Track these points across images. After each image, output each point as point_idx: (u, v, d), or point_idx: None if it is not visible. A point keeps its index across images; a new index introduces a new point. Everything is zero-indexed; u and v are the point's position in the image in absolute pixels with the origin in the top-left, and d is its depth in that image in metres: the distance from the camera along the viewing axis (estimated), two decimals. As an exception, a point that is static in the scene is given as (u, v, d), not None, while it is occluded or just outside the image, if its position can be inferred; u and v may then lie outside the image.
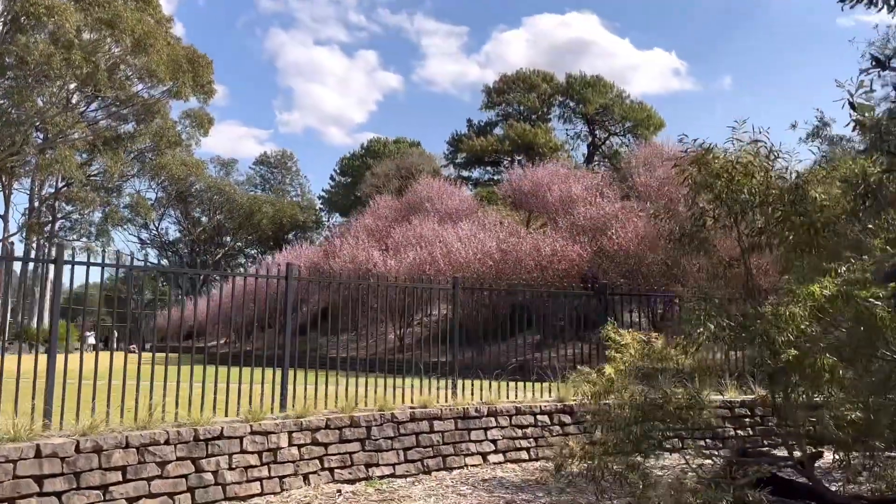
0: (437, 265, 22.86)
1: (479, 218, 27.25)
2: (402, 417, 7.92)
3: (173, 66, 33.00)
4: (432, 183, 36.56)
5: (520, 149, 44.75)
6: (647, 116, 46.96)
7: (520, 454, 8.64)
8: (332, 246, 31.69)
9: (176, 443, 6.37)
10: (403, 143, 62.56)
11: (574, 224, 22.64)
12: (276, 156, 75.60)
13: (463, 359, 9.68)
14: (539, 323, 11.82)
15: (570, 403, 9.13)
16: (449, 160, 53.70)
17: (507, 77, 50.82)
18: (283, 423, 7.11)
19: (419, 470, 7.89)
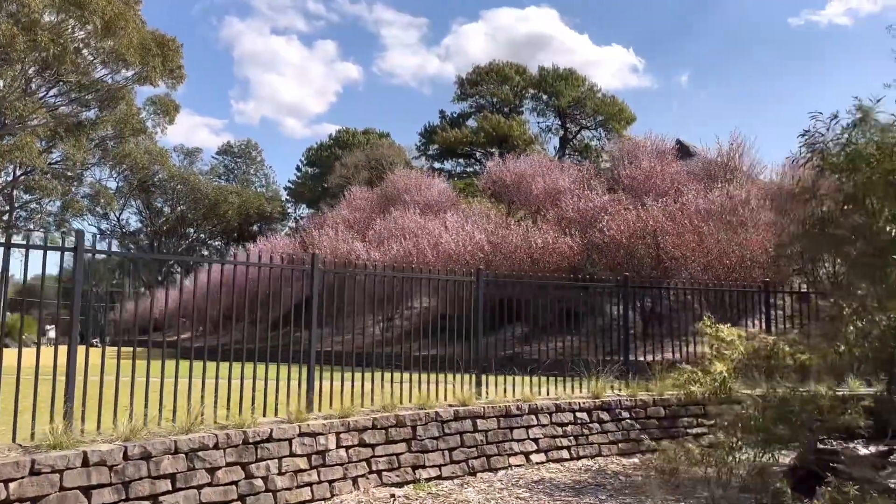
0: (424, 257, 22.46)
1: (464, 210, 26.91)
2: (445, 416, 7.56)
3: (142, 49, 31.75)
4: (409, 174, 36.09)
5: (494, 141, 44.45)
6: (619, 110, 47.12)
7: (561, 453, 8.36)
8: (310, 237, 30.97)
9: (225, 447, 5.91)
10: (373, 133, 61.77)
11: (563, 217, 22.47)
12: (241, 145, 74.00)
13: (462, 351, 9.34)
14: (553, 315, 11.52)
15: (607, 400, 8.89)
16: (421, 152, 53.17)
17: (480, 69, 50.44)
18: (329, 423, 6.69)
19: (464, 471, 7.55)
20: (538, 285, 10.93)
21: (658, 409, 9.17)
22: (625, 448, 8.81)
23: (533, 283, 10.86)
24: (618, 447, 8.77)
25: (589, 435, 8.62)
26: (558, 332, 11.52)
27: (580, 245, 21.40)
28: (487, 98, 49.77)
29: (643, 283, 13.57)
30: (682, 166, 26.14)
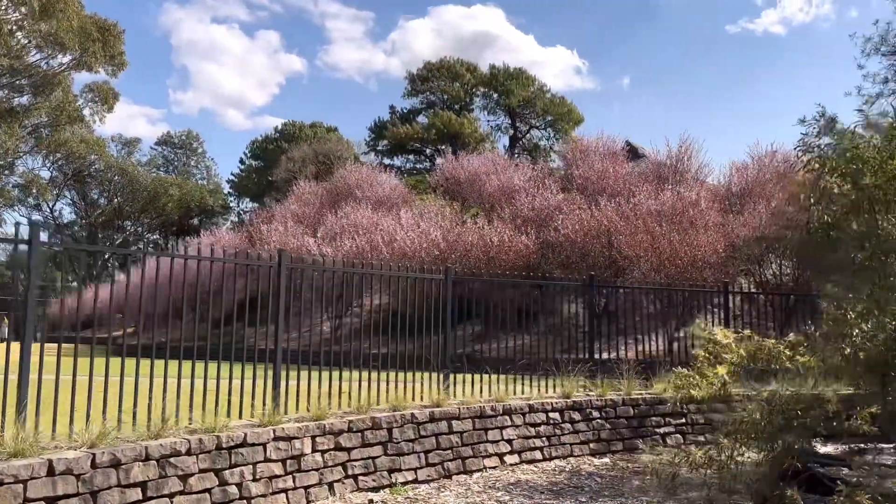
0: (378, 254, 22.19)
1: (418, 207, 26.72)
2: (421, 418, 7.38)
3: (82, 34, 30.42)
4: (360, 169, 35.70)
5: (445, 138, 44.37)
6: (567, 111, 47.67)
7: (534, 454, 8.28)
8: (258, 231, 30.28)
9: (198, 453, 5.59)
10: (320, 127, 60.89)
11: (518, 215, 22.52)
12: (181, 136, 72.06)
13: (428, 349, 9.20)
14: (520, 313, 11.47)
15: (579, 400, 8.86)
16: (370, 147, 52.70)
17: (431, 65, 50.26)
18: (304, 426, 6.43)
19: (440, 474, 7.39)
20: (508, 283, 10.84)
21: (627, 408, 9.20)
22: (596, 448, 8.79)
23: (503, 282, 10.75)
24: (589, 447, 8.75)
25: (561, 435, 8.57)
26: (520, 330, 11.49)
27: (536, 244, 21.49)
28: (438, 95, 49.68)
29: (609, 283, 13.56)
30: (633, 168, 26.59)
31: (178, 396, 6.14)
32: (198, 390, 6.38)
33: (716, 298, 14.99)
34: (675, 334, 16.29)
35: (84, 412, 5.58)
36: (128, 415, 5.87)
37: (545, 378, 9.45)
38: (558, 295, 16.81)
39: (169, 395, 6.07)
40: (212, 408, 6.34)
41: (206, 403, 6.39)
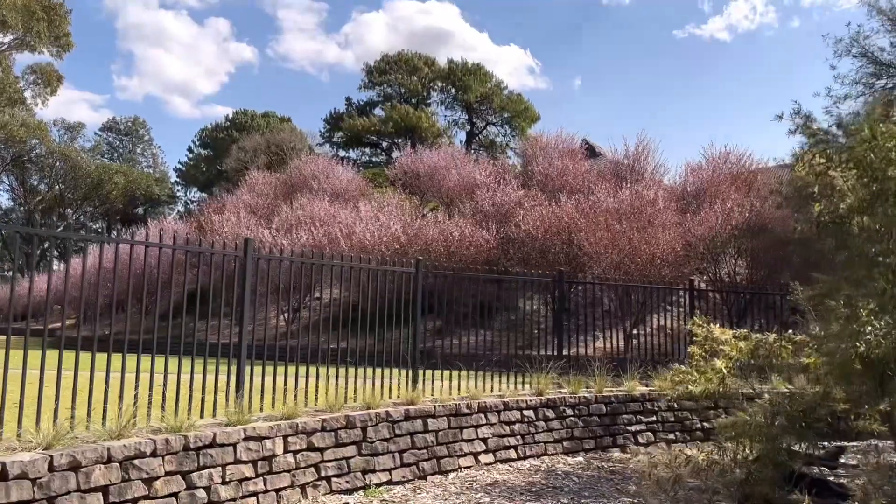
0: (337, 246, 21.73)
1: (377, 200, 26.32)
2: (396, 416, 7.10)
3: (26, 12, 29.00)
4: (316, 160, 35.07)
5: (403, 131, 43.93)
6: (524, 108, 47.74)
7: (508, 453, 8.08)
8: (209, 221, 29.41)
9: (164, 454, 5.20)
10: (273, 117, 59.74)
11: (479, 210, 22.36)
12: (127, 123, 69.78)
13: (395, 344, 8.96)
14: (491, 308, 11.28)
15: (552, 397, 8.70)
16: (325, 139, 51.88)
17: (389, 57, 49.69)
18: (276, 426, 6.08)
19: (415, 475, 7.12)
20: (478, 278, 10.62)
21: (600, 406, 9.09)
22: (569, 447, 8.65)
23: (473, 277, 10.52)
24: (563, 445, 8.60)
25: (535, 433, 8.39)
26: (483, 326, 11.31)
27: (496, 239, 21.36)
28: (395, 88, 49.17)
29: (579, 280, 13.47)
30: (592, 166, 26.72)
31: (138, 393, 5.73)
32: (159, 386, 5.97)
33: (674, 296, 15.10)
34: (637, 330, 16.36)
35: (34, 410, 5.13)
36: (83, 411, 5.45)
37: (517, 374, 9.28)
38: (527, 290, 16.65)
39: (128, 391, 5.66)
40: (174, 405, 5.95)
41: (170, 401, 5.99)
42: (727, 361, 4.57)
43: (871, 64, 12.57)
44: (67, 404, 5.30)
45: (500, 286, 14.84)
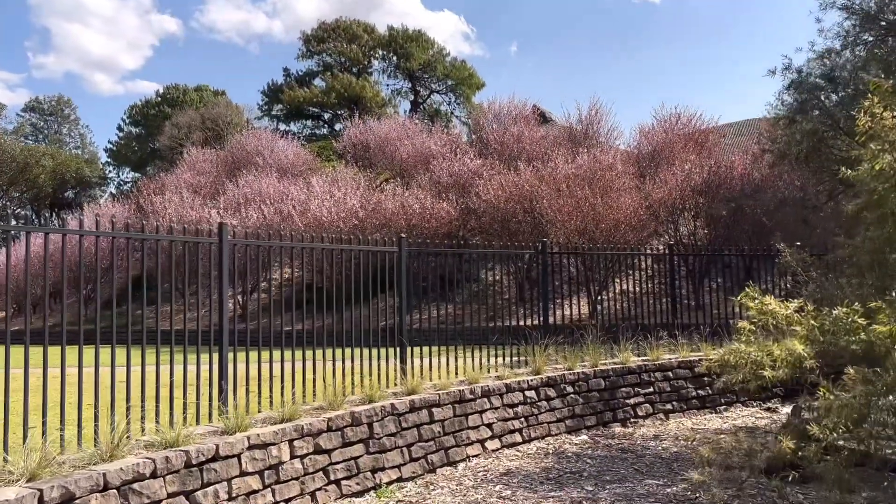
0: (291, 223, 20.92)
1: (330, 174, 25.44)
2: (401, 408, 6.62)
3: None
4: (259, 135, 33.77)
5: (346, 102, 42.68)
6: (469, 75, 47.01)
7: (514, 437, 7.72)
8: (150, 203, 28.00)
9: (165, 473, 4.61)
10: (206, 91, 57.40)
11: (438, 181, 21.81)
12: (51, 102, 66.04)
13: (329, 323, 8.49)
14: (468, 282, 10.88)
15: (553, 376, 8.36)
16: (264, 112, 50.08)
17: (327, 25, 48.02)
18: (282, 430, 5.52)
19: (424, 469, 6.68)
20: (457, 253, 10.22)
21: (598, 381, 8.81)
22: (572, 425, 8.35)
23: (452, 253, 10.08)
24: (565, 424, 8.30)
25: (538, 414, 8.05)
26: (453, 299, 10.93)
27: (457, 210, 20.90)
28: (335, 56, 47.67)
29: (563, 251, 13.15)
30: (545, 131, 26.41)
31: (130, 405, 5.09)
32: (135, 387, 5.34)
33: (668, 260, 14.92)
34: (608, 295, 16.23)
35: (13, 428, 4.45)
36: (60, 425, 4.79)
37: (508, 348, 8.95)
38: (507, 263, 16.29)
39: (103, 395, 5.02)
40: (166, 409, 5.34)
41: (152, 401, 5.38)
42: (801, 341, 4.23)
43: (857, 16, 12.52)
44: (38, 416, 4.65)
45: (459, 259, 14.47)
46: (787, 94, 14.34)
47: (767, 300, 4.67)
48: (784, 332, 4.49)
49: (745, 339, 4.73)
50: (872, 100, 4.52)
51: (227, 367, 6.32)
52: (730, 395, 9.71)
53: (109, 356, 5.15)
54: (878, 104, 4.47)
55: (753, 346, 4.54)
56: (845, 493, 3.98)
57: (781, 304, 4.62)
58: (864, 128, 4.55)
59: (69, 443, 4.84)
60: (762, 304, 4.65)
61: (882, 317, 3.83)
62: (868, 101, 4.56)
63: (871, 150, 4.26)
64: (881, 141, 4.35)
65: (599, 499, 5.75)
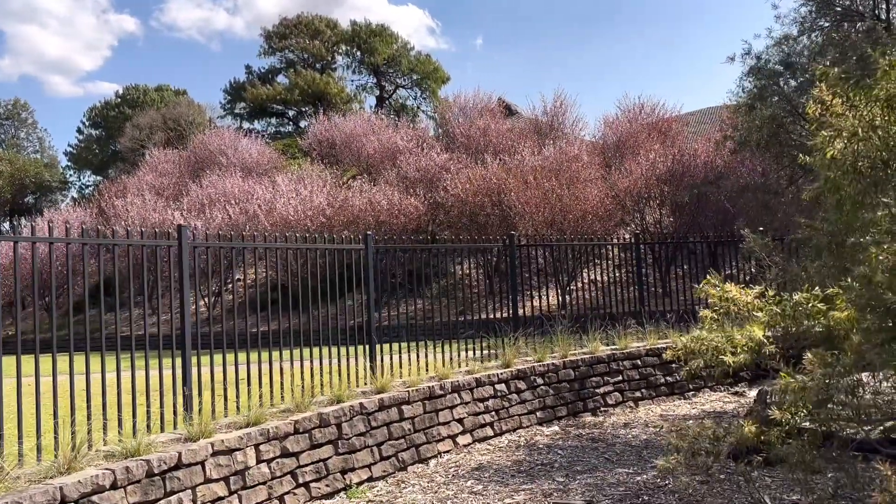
0: (257, 223, 20.68)
1: (295, 172, 25.17)
2: (371, 407, 6.56)
3: None
4: (222, 134, 33.30)
5: (310, 99, 42.27)
6: (434, 69, 46.85)
7: (485, 431, 7.70)
8: (112, 206, 27.45)
9: (126, 484, 4.49)
10: (167, 90, 56.42)
11: (405, 176, 21.70)
12: (7, 106, 64.35)
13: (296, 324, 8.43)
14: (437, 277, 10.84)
15: (523, 368, 8.36)
16: (227, 110, 49.37)
17: (288, 21, 47.47)
18: (247, 434, 5.43)
19: (395, 467, 6.63)
20: (425, 249, 10.15)
21: (568, 371, 8.84)
22: (543, 417, 8.37)
23: (420, 249, 10.02)
24: (536, 416, 8.30)
25: (509, 407, 8.04)
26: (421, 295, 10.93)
27: (425, 205, 20.83)
28: (298, 53, 47.16)
29: (530, 243, 13.17)
30: (512, 124, 26.44)
31: (90, 412, 4.95)
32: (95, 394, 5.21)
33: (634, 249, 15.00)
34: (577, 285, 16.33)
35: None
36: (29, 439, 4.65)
37: (478, 342, 8.93)
38: (477, 256, 16.27)
39: (61, 405, 4.88)
40: (128, 420, 5.22)
41: (113, 410, 5.26)
42: (761, 326, 4.27)
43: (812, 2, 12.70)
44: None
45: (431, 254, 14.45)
46: (747, 80, 14.53)
47: (728, 287, 4.70)
48: (745, 318, 4.53)
49: (707, 326, 4.76)
50: (821, 87, 4.57)
51: (191, 372, 6.20)
52: (698, 380, 9.81)
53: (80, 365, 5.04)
54: (827, 91, 4.53)
55: (714, 333, 4.57)
56: (809, 474, 4.02)
57: (742, 291, 4.65)
58: (815, 115, 4.61)
59: (28, 455, 4.70)
60: (723, 290, 4.68)
61: (840, 302, 3.87)
62: (817, 88, 4.61)
63: (822, 136, 4.30)
64: (832, 128, 4.40)
65: (570, 489, 5.76)
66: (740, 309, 4.55)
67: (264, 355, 6.73)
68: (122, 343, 5.92)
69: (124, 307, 9.23)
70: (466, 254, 15.93)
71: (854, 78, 5.32)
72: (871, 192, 4.61)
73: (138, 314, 23.24)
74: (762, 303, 4.49)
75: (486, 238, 15.48)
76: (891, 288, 3.57)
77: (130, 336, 5.89)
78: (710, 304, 4.88)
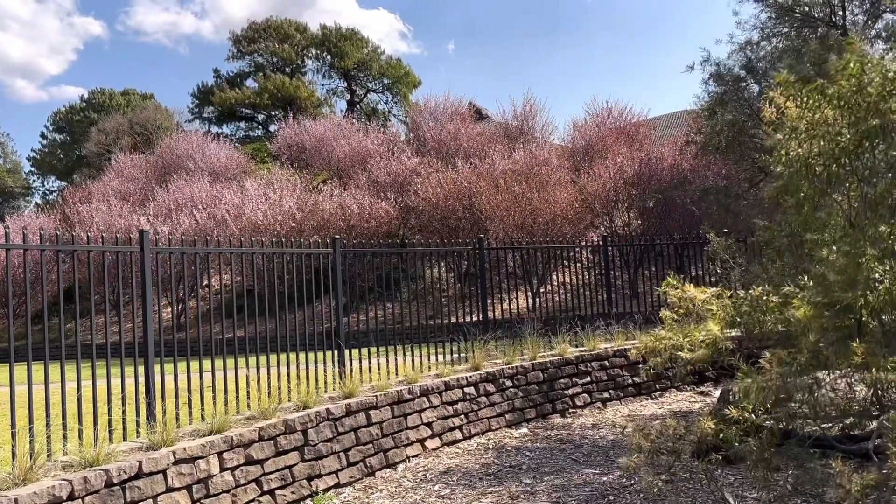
0: (225, 228, 20.47)
1: (265, 177, 24.96)
2: (338, 413, 6.51)
3: None
4: (189, 138, 32.90)
5: (280, 103, 41.95)
6: (405, 74, 46.80)
7: (454, 434, 7.69)
8: (76, 212, 26.97)
9: (83, 495, 4.40)
10: (134, 95, 55.64)
11: (376, 181, 21.65)
12: (-34, 109, 62.87)
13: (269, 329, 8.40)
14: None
15: (492, 371, 8.37)
16: (195, 115, 48.79)
17: (257, 24, 47.09)
18: (209, 442, 5.36)
19: (363, 472, 6.59)
20: (401, 253, 10.12)
21: (537, 373, 8.87)
22: (512, 419, 8.38)
23: (389, 253, 10.00)
24: (505, 419, 8.32)
25: (478, 410, 8.04)
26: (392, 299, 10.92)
27: (396, 209, 20.80)
28: (267, 56, 46.81)
29: (499, 246, 13.21)
30: (483, 129, 26.53)
31: (49, 421, 4.85)
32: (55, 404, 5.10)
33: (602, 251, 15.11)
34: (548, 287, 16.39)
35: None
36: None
37: (447, 345, 8.94)
38: (447, 260, 16.26)
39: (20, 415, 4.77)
40: (89, 429, 5.12)
41: (74, 419, 5.15)
42: (718, 322, 4.33)
43: (772, 9, 12.96)
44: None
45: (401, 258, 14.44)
46: (710, 85, 14.77)
47: (687, 287, 4.77)
48: (703, 316, 4.60)
49: (667, 326, 4.82)
50: (777, 91, 4.67)
51: (154, 380, 6.10)
52: (664, 381, 9.92)
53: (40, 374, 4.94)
54: (781, 95, 4.62)
55: (673, 332, 4.63)
56: (769, 472, 4.08)
57: (700, 290, 4.72)
58: (772, 118, 4.70)
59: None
60: (682, 291, 4.75)
61: (796, 301, 3.95)
62: (773, 92, 4.71)
63: (778, 140, 4.39)
64: (787, 130, 4.49)
65: (537, 491, 5.78)
66: (698, 308, 4.61)
67: (230, 362, 6.65)
68: (84, 351, 5.80)
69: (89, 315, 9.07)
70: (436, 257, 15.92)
71: (808, 79, 5.44)
72: (826, 191, 4.71)
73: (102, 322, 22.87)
74: (720, 301, 4.56)
75: (457, 242, 15.53)
76: (843, 288, 3.64)
77: (92, 344, 5.77)
78: (670, 304, 4.94)
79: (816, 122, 4.29)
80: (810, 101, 4.63)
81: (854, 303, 3.52)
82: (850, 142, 4.02)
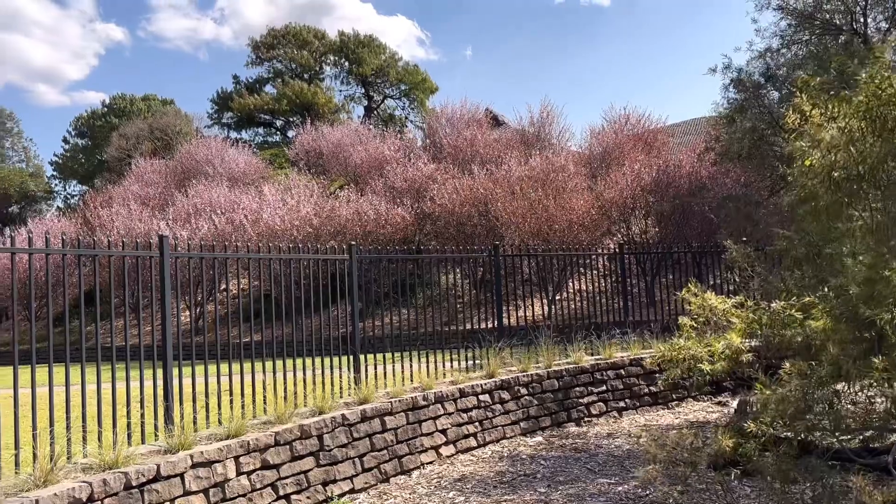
0: (243, 234, 20.59)
1: (283, 182, 25.11)
2: (353, 419, 6.53)
3: None
4: (209, 143, 33.18)
5: (298, 109, 42.21)
6: (422, 80, 46.95)
7: (468, 441, 7.69)
8: (97, 216, 27.27)
9: (103, 497, 4.45)
10: (154, 100, 56.22)
11: (392, 186, 21.71)
12: (-9, 114, 63.92)
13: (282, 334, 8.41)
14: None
15: (507, 379, 8.36)
16: (214, 120, 49.20)
17: (276, 31, 47.49)
18: (227, 446, 5.39)
19: (377, 478, 6.60)
20: (409, 260, 10.14)
21: (552, 381, 8.85)
22: (526, 427, 8.36)
23: (404, 259, 10.03)
24: (520, 427, 8.30)
25: (493, 418, 8.04)
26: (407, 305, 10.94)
27: (412, 215, 20.84)
28: (286, 63, 47.16)
29: (515, 252, 13.21)
30: (499, 135, 26.54)
31: (69, 423, 4.91)
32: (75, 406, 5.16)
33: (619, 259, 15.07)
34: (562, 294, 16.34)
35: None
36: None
37: (463, 352, 8.94)
38: (462, 266, 16.30)
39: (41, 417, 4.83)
40: (109, 430, 5.18)
41: (92, 423, 5.21)
42: (738, 334, 4.30)
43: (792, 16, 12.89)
44: None
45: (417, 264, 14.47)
46: (729, 92, 14.70)
47: (708, 296, 4.74)
48: (724, 326, 4.57)
49: (685, 334, 4.79)
50: (801, 97, 4.63)
51: (172, 384, 6.17)
52: (681, 390, 9.85)
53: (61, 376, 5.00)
54: (806, 102, 4.59)
55: (692, 342, 4.60)
56: (786, 485, 4.04)
57: (721, 300, 4.69)
58: (795, 125, 4.67)
59: (6, 468, 4.65)
60: (703, 299, 4.72)
61: (816, 312, 3.91)
62: (797, 98, 4.67)
63: (799, 147, 4.35)
64: (810, 138, 4.45)
65: (552, 500, 5.76)
66: (719, 317, 4.58)
67: (246, 366, 6.70)
68: (104, 354, 5.87)
69: (109, 318, 9.17)
70: (451, 264, 15.95)
71: (833, 89, 5.39)
72: (848, 202, 4.67)
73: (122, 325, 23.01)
74: (741, 312, 4.53)
75: (473, 248, 15.52)
76: (865, 301, 3.61)
77: (112, 347, 5.84)
78: (690, 311, 4.91)
79: (841, 131, 4.25)
80: (836, 109, 4.60)
81: (875, 316, 3.49)
82: (875, 154, 3.98)
